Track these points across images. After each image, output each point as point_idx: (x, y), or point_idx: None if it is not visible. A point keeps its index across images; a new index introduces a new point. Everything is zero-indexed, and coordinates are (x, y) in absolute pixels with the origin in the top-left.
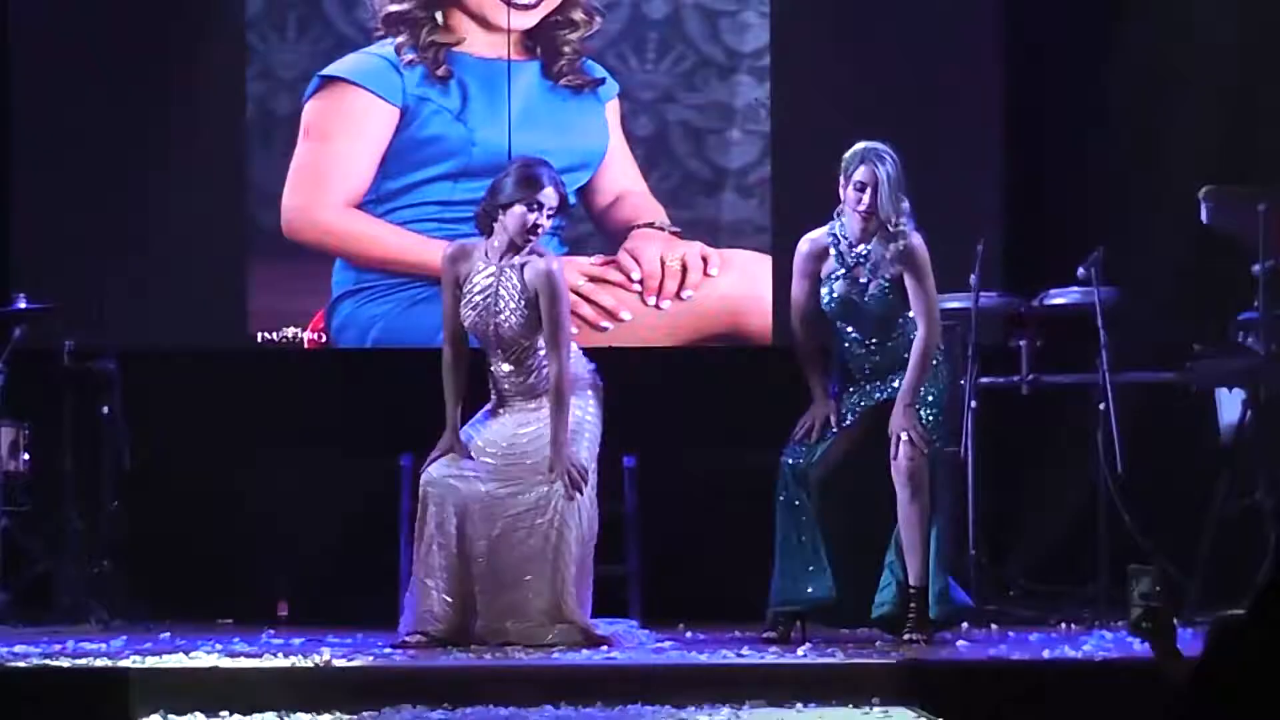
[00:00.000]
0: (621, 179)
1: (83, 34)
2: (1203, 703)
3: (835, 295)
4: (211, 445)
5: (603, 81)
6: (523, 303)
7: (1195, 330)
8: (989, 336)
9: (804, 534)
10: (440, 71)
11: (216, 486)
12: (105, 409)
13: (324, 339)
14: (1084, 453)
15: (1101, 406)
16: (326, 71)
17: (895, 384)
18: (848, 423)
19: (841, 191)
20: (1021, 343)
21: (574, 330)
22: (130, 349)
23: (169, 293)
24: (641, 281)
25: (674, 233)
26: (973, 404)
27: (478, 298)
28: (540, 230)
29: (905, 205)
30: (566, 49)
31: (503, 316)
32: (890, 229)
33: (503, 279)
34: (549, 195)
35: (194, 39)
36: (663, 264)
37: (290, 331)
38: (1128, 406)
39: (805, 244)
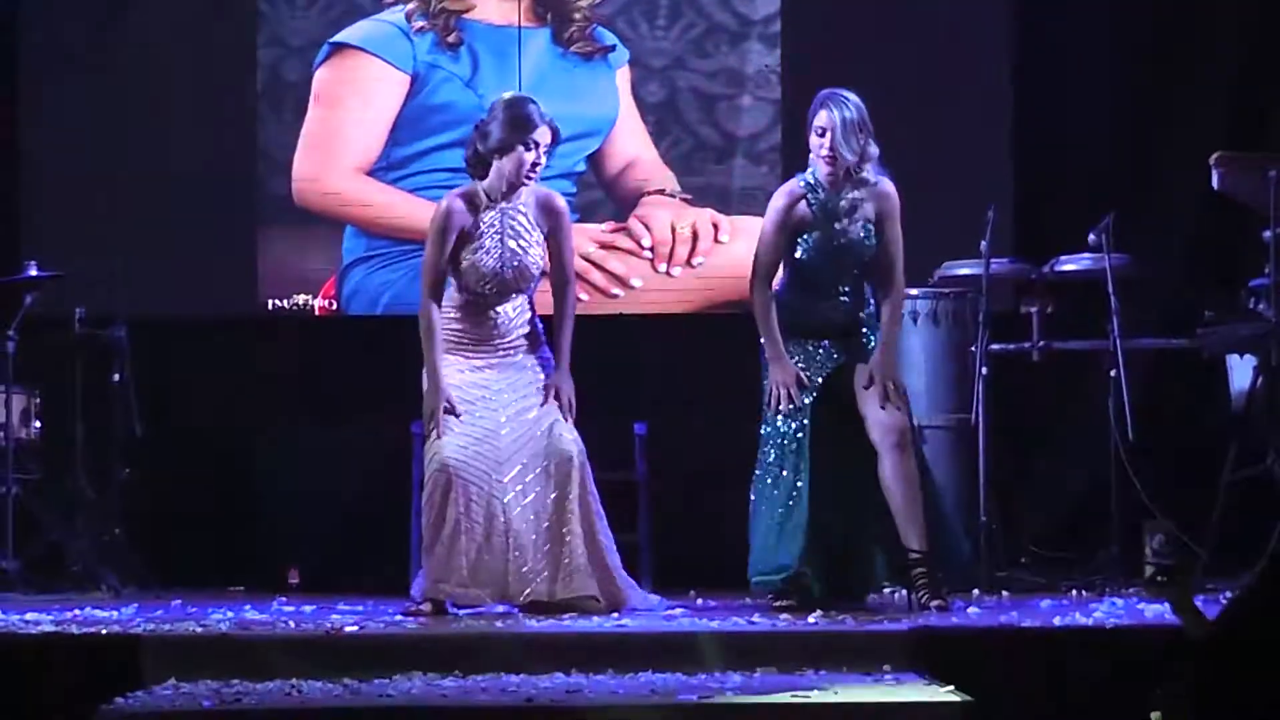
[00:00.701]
0: (632, 146)
1: (92, 3)
2: (1222, 666)
3: (813, 243)
4: (222, 412)
5: (613, 48)
6: (539, 238)
7: (1206, 297)
8: (1000, 303)
9: (795, 507)
10: (451, 38)
11: (227, 454)
12: (116, 376)
13: (335, 306)
14: (1095, 419)
15: (1112, 373)
16: (337, 39)
17: (841, 350)
18: (816, 392)
19: (807, 141)
20: (1032, 309)
21: (583, 297)
22: (141, 316)
23: (179, 260)
24: (652, 248)
25: (684, 199)
26: (983, 371)
27: (491, 242)
28: (539, 169)
29: (874, 151)
30: (577, 15)
31: (525, 255)
32: (855, 174)
33: (509, 220)
34: (543, 133)
35: (204, 6)
36: (673, 231)
37: (301, 298)
38: (1139, 373)
39: (780, 196)
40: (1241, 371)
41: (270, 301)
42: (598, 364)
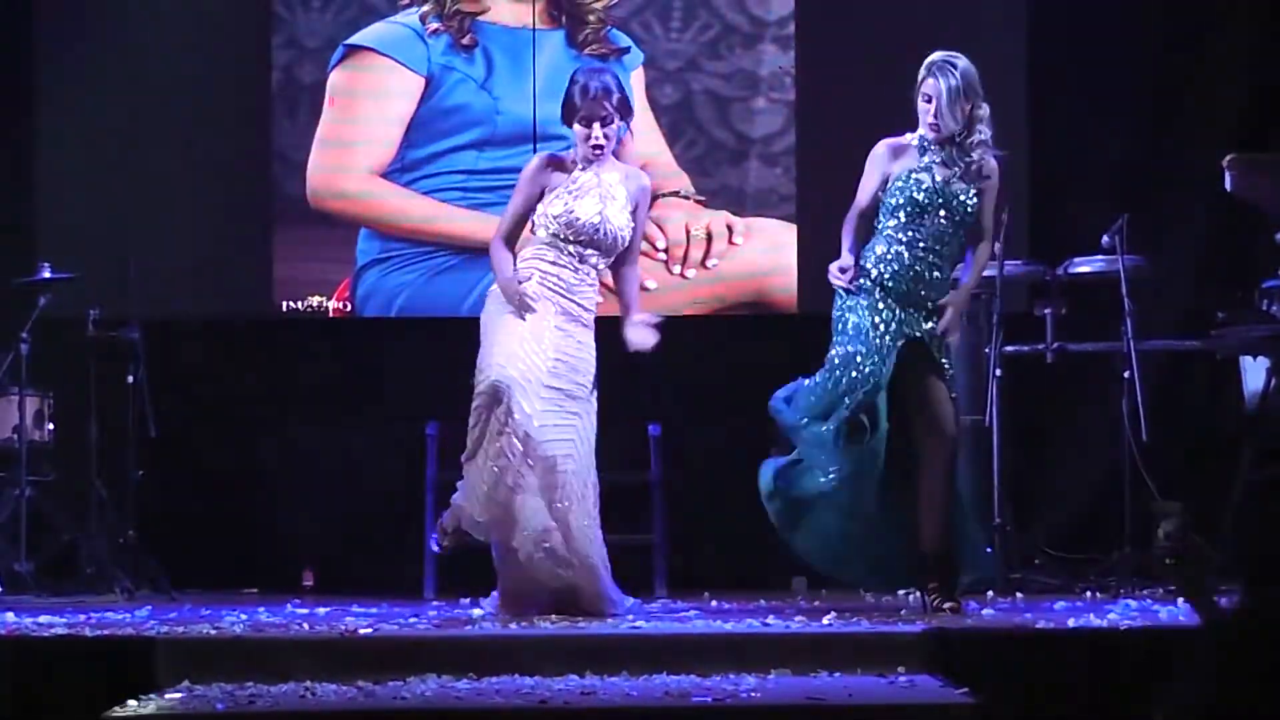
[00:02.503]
0: (646, 147)
1: (107, 3)
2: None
3: (924, 185)
4: (236, 414)
5: (627, 50)
6: (628, 207)
7: (1219, 298)
8: (1014, 305)
9: (857, 509)
10: (465, 40)
11: (241, 455)
12: (130, 378)
13: (349, 308)
14: (1109, 421)
15: (1126, 374)
16: (352, 40)
17: (922, 326)
18: (888, 365)
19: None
20: (1046, 311)
21: (599, 299)
22: (155, 317)
23: (194, 261)
24: (666, 250)
25: (699, 201)
26: (997, 372)
27: (591, 196)
28: (602, 145)
29: (984, 112)
30: (591, 17)
31: (609, 211)
32: (958, 140)
33: (607, 185)
34: (599, 108)
35: (219, 8)
36: (688, 233)
37: (315, 300)
38: (1152, 374)
39: (882, 146)
40: (1255, 372)
41: (285, 303)
42: (612, 365)
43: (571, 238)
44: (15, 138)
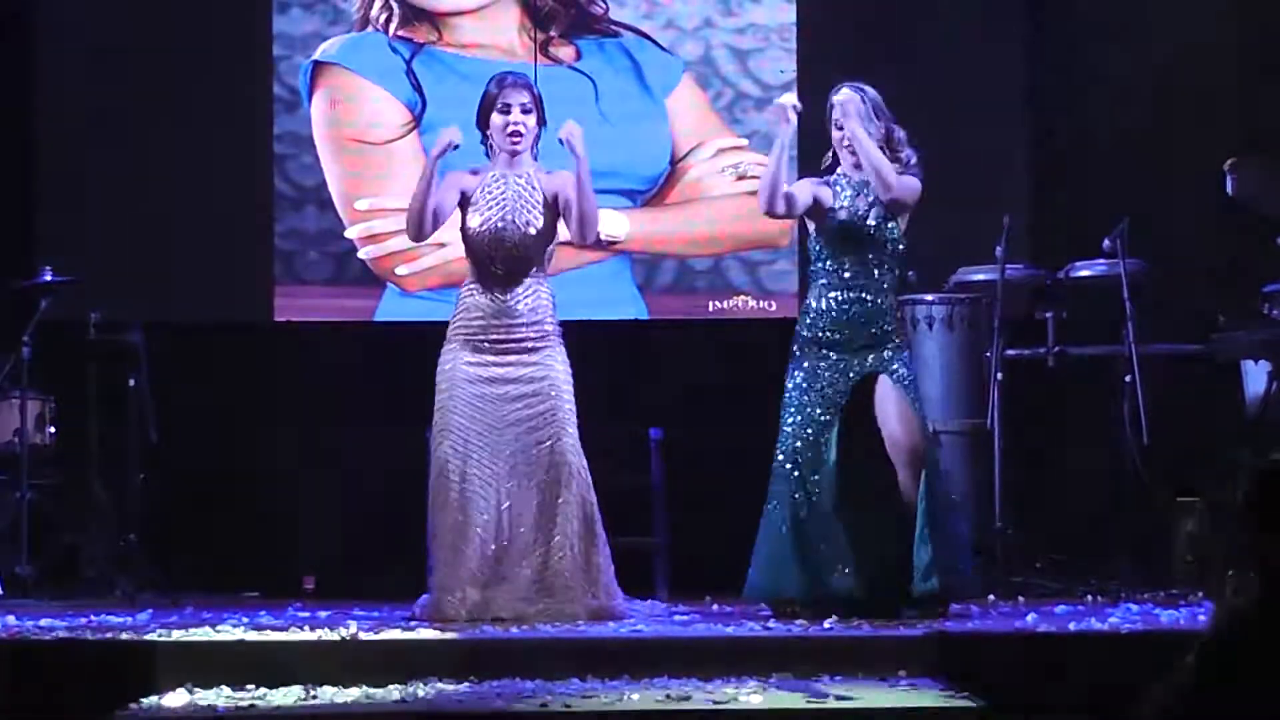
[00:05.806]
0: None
1: (108, 6)
2: (1206, 679)
3: (839, 219)
4: (237, 417)
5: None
6: (542, 206)
7: (1220, 302)
8: (1015, 309)
9: (826, 533)
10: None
11: (242, 459)
12: (131, 382)
13: None
14: (1110, 425)
15: (1127, 378)
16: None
17: (868, 360)
18: (837, 409)
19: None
20: (1047, 315)
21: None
22: (156, 321)
23: (195, 264)
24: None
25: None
26: (998, 376)
27: (495, 203)
28: (519, 130)
29: (900, 134)
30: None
31: (528, 220)
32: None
33: (514, 183)
34: (516, 93)
35: (220, 8)
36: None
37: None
38: (1153, 378)
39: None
40: (1255, 376)
41: None
42: (613, 369)
43: (488, 250)
44: (15, 139)
